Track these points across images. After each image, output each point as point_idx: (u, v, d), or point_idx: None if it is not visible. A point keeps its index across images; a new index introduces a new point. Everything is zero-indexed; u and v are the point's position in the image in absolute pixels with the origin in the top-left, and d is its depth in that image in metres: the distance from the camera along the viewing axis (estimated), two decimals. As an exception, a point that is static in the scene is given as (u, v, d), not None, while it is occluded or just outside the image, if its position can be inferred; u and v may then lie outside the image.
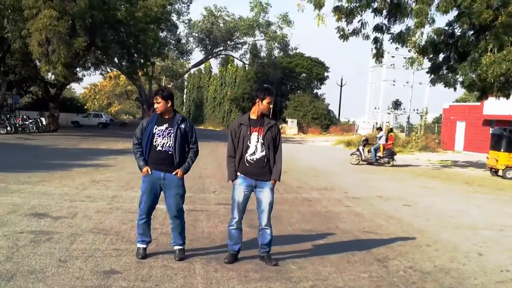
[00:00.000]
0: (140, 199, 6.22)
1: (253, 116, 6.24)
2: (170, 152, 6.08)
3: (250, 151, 6.11)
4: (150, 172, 6.09)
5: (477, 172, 21.86)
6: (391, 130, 25.30)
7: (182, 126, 6.17)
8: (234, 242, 6.23)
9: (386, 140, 23.23)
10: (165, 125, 6.13)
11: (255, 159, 6.10)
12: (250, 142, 6.11)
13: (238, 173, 6.16)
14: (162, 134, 6.10)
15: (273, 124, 6.23)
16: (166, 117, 6.18)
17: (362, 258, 6.72)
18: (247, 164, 6.12)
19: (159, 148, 6.09)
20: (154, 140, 6.11)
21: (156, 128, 6.12)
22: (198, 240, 7.20)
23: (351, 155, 24.02)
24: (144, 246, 6.21)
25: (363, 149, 23.45)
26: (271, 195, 6.14)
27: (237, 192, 6.16)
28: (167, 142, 6.09)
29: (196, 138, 6.36)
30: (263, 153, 6.10)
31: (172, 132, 6.10)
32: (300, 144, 40.54)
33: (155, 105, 6.15)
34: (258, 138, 6.11)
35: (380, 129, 24.93)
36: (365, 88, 62.28)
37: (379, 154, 22.84)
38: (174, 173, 6.10)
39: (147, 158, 6.14)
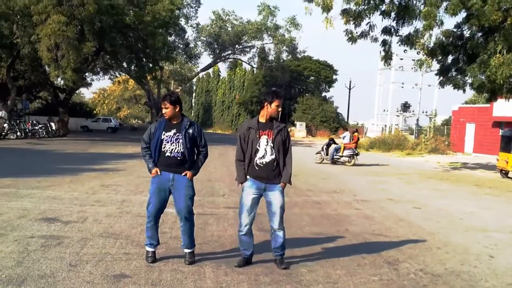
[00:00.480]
0: (149, 201, 6.20)
1: (262, 119, 6.22)
2: (179, 158, 6.07)
3: (259, 154, 6.09)
4: (159, 173, 6.10)
5: (487, 174, 21.76)
6: (356, 130, 25.73)
7: (190, 131, 6.15)
8: (245, 247, 6.22)
9: (351, 140, 23.77)
10: (173, 131, 6.11)
11: (264, 163, 6.08)
12: (259, 146, 6.09)
13: (248, 176, 6.16)
14: (170, 140, 6.08)
15: (283, 127, 6.20)
16: (174, 122, 6.17)
17: (372, 261, 6.70)
18: (257, 168, 6.10)
19: (167, 154, 6.07)
20: (163, 146, 6.09)
21: (164, 134, 6.10)
22: (208, 243, 7.20)
23: (316, 154, 24.52)
24: (153, 249, 6.21)
25: (326, 149, 23.98)
26: (281, 198, 6.11)
27: (245, 195, 6.13)
28: (176, 148, 6.07)
29: (206, 141, 6.34)
30: (273, 156, 6.08)
31: (180, 137, 6.08)
32: (309, 147, 40.45)
33: (163, 110, 6.13)
34: (267, 141, 6.08)
35: (345, 129, 25.67)
36: (374, 90, 62.22)
37: (340, 153, 23.42)
38: (183, 173, 6.11)
39: (156, 162, 6.14)
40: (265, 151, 6.08)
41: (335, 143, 24.36)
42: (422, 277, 6.12)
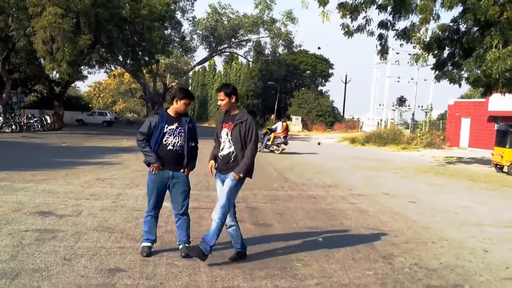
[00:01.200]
0: (149, 198, 6.24)
1: (228, 112, 6.21)
2: (180, 152, 6.12)
3: (220, 146, 6.09)
4: (161, 168, 6.09)
5: (482, 169, 21.79)
6: (285, 120, 27.56)
7: (190, 125, 6.23)
8: (235, 241, 6.22)
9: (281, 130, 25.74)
10: (175, 124, 6.14)
11: (223, 155, 6.06)
12: (221, 138, 6.09)
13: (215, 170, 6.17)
14: (173, 134, 6.10)
15: (244, 120, 6.03)
16: (176, 116, 6.19)
17: (367, 255, 6.71)
18: (219, 160, 6.11)
19: (170, 147, 6.08)
20: (164, 139, 6.09)
21: (167, 127, 6.11)
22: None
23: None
24: (149, 244, 6.21)
25: (263, 139, 25.78)
26: (227, 186, 5.92)
27: (217, 188, 6.17)
28: (178, 142, 6.10)
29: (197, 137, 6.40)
30: (230, 150, 6.01)
31: (182, 131, 6.12)
32: (305, 141, 40.51)
33: (184, 107, 6.17)
34: (227, 134, 6.04)
35: (280, 119, 27.84)
36: (370, 85, 62.20)
37: (269, 142, 25.34)
38: (181, 170, 6.15)
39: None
40: (224, 144, 6.06)
41: (273, 132, 25.94)
42: (417, 271, 6.13)
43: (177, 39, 54.98)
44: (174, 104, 6.18)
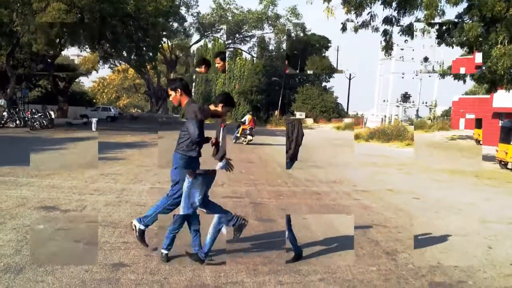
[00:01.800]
0: (194, 198, 5.98)
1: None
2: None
3: None
4: None
5: (486, 165, 21.73)
6: (251, 114, 29.09)
7: None
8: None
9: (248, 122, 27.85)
10: None
11: None
12: None
13: None
14: None
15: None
16: None
17: (370, 251, 6.70)
18: None
19: None
20: None
21: None
22: (206, 233, 7.18)
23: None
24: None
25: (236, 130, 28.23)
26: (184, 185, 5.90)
27: None
28: None
29: None
30: None
31: None
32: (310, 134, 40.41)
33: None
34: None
35: (248, 113, 29.79)
36: (374, 80, 62.06)
37: (238, 134, 27.41)
38: None
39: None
40: None
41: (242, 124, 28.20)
42: (421, 267, 6.12)
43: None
44: (212, 106, 6.10)
